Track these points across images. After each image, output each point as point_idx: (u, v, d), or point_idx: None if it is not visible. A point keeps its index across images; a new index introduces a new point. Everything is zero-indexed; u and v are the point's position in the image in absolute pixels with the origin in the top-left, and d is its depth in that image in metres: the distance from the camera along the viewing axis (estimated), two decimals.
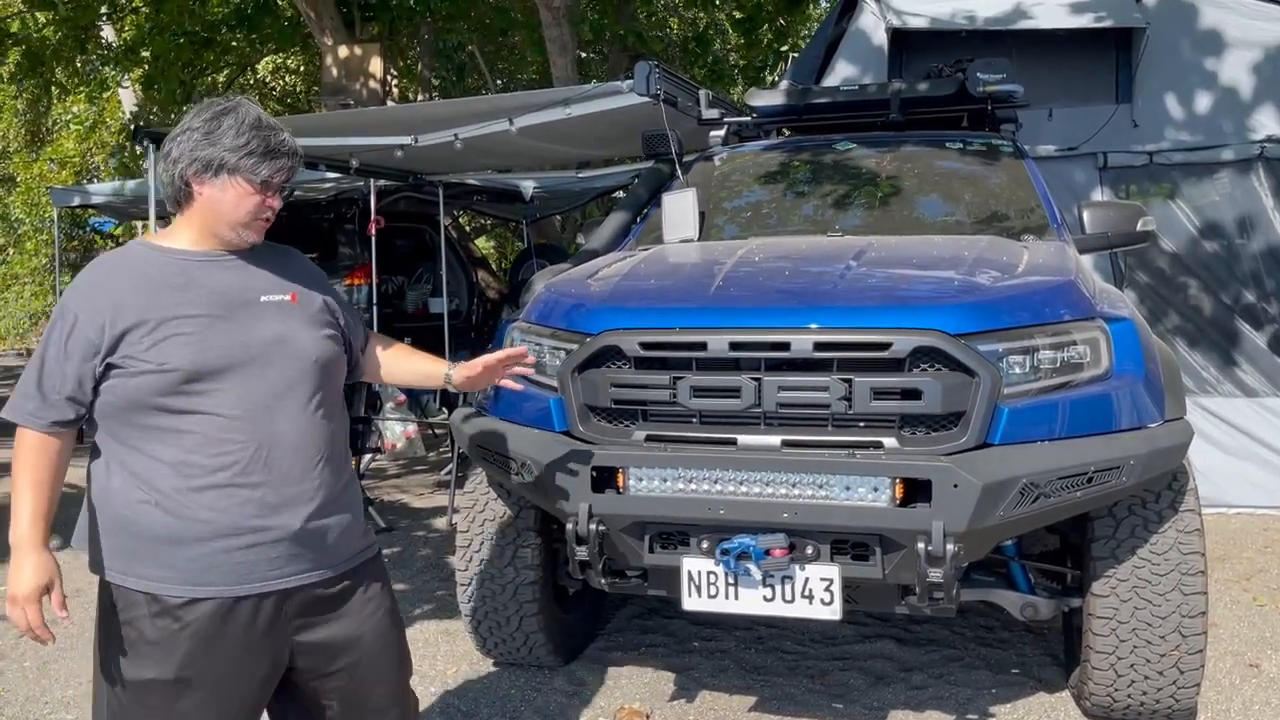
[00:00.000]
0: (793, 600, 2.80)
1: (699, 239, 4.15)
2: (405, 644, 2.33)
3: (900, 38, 6.41)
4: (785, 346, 2.80)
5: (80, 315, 1.97)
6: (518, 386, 2.70)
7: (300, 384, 2.07)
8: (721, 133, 5.23)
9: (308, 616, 2.09)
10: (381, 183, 7.97)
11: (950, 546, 2.62)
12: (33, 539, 1.95)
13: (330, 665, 2.14)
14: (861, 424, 2.79)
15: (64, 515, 2.06)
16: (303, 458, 2.05)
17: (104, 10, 11.63)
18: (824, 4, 14.37)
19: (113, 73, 12.95)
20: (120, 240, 20.16)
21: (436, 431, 8.76)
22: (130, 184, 9.49)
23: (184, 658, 1.98)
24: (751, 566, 2.78)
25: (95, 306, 1.97)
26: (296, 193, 8.54)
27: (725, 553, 2.79)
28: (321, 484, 2.08)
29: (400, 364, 2.46)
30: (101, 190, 10.03)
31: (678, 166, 4.66)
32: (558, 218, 12.78)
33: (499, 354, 2.49)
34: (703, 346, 2.86)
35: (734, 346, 2.84)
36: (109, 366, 1.96)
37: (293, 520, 2.03)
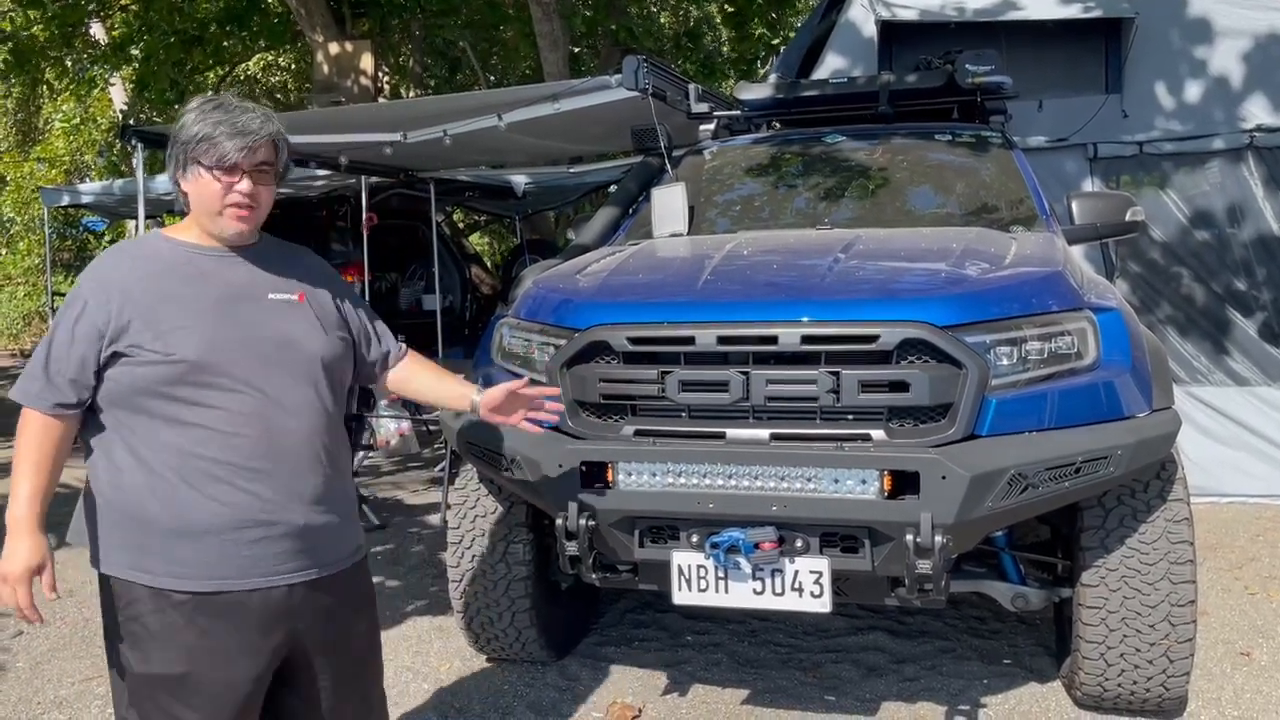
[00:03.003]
0: (782, 593, 2.81)
1: (688, 233, 4.15)
2: (380, 649, 2.36)
3: (890, 30, 6.40)
4: (773, 340, 2.80)
5: (90, 301, 1.99)
6: (536, 429, 2.55)
7: (305, 382, 2.09)
8: (711, 126, 5.22)
9: (303, 613, 2.10)
10: (374, 180, 7.96)
11: (939, 538, 2.62)
12: (29, 519, 1.97)
13: (314, 664, 2.15)
14: (850, 417, 2.79)
15: (57, 514, 2.06)
16: (308, 455, 2.07)
17: (92, 8, 11.59)
18: None
19: (101, 71, 12.90)
20: (112, 240, 20.12)
21: (430, 428, 8.74)
22: (119, 183, 9.47)
23: (188, 651, 1.99)
24: (741, 560, 2.79)
25: (104, 293, 1.99)
26: (288, 190, 8.53)
27: (715, 546, 2.79)
28: (325, 481, 2.10)
29: (425, 383, 2.45)
30: (91, 190, 10.01)
31: (667, 161, 4.66)
32: (550, 213, 12.78)
33: (530, 391, 2.45)
34: (690, 341, 2.86)
35: (722, 340, 2.84)
36: (115, 354, 1.98)
37: (298, 516, 2.05)
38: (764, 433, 2.83)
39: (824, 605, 2.79)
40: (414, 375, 2.44)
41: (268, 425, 2.02)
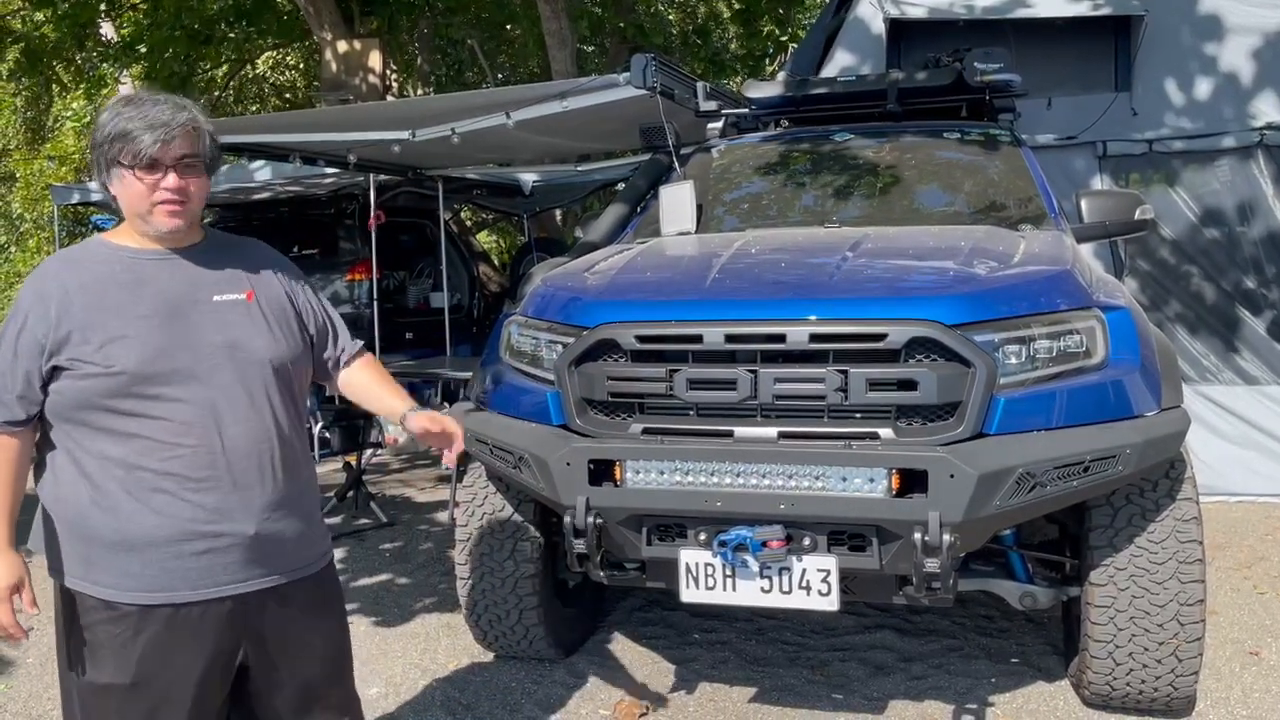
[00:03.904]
0: (790, 591, 2.81)
1: (696, 231, 4.15)
2: (351, 651, 2.32)
3: (898, 28, 6.39)
4: (781, 338, 2.80)
5: (30, 314, 1.95)
6: (451, 461, 2.42)
7: (253, 387, 2.02)
8: (719, 125, 5.22)
9: (262, 620, 2.07)
10: (382, 178, 7.97)
11: (947, 537, 2.62)
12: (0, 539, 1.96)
13: (280, 669, 2.12)
14: (858, 415, 2.79)
15: (22, 517, 2.05)
16: (255, 462, 2.01)
17: (103, 7, 11.62)
18: None
19: (111, 69, 12.93)
20: None
21: None
22: None
23: (140, 663, 1.97)
24: (749, 558, 2.79)
25: (43, 304, 1.94)
26: (297, 189, 8.55)
27: (723, 544, 2.79)
28: (276, 488, 2.05)
29: (370, 391, 2.33)
30: (100, 187, 10.02)
31: (675, 159, 4.65)
32: (558, 211, 12.77)
33: (451, 432, 2.32)
34: (698, 339, 2.86)
35: (730, 339, 2.84)
36: (55, 368, 1.94)
37: (247, 526, 2.00)
38: (772, 431, 2.83)
39: (832, 603, 2.79)
40: (358, 378, 2.33)
41: (212, 434, 1.97)
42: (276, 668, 2.11)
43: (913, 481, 2.68)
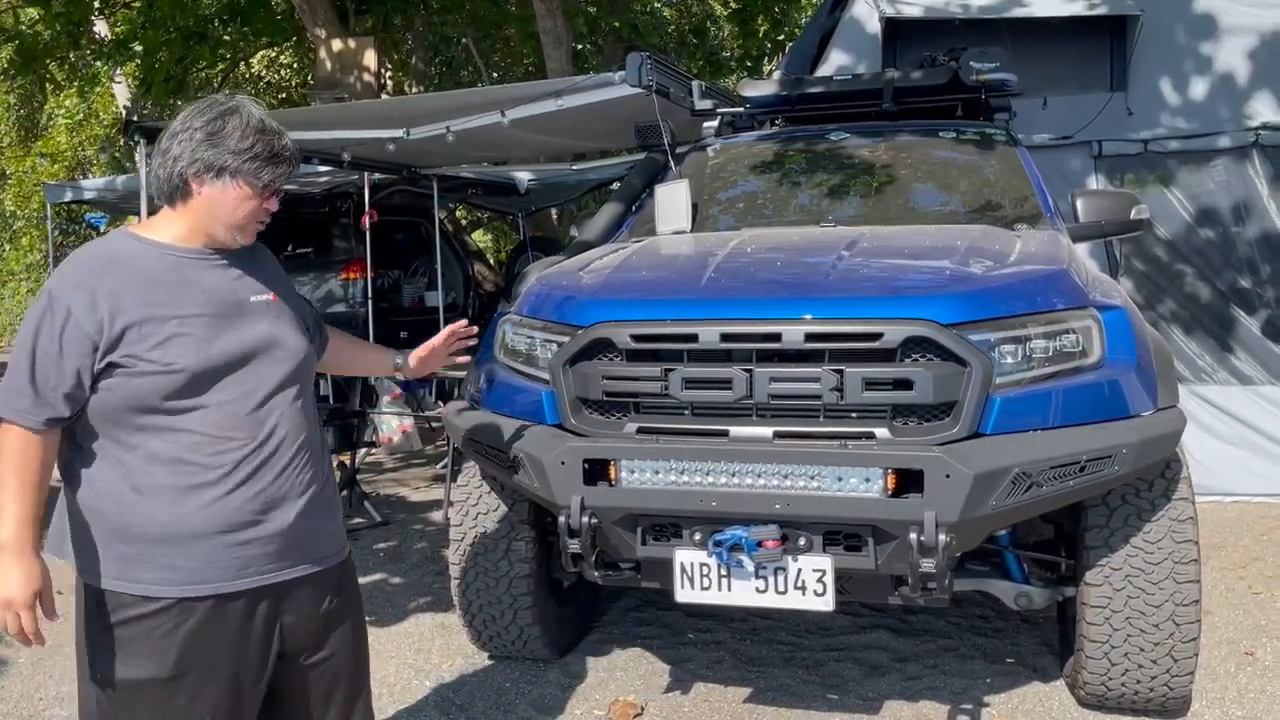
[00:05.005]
0: (785, 591, 2.80)
1: (692, 230, 4.14)
2: (367, 637, 2.38)
3: (894, 27, 6.39)
4: (776, 338, 2.79)
5: (73, 308, 1.91)
6: (463, 359, 2.75)
7: (289, 382, 2.09)
8: (715, 123, 5.21)
9: (298, 607, 2.12)
10: (376, 176, 7.95)
11: (942, 537, 2.61)
12: (22, 544, 1.91)
13: (311, 658, 2.17)
14: (853, 415, 2.78)
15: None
16: (294, 454, 2.08)
17: (97, 5, 11.58)
18: None
19: (105, 67, 12.90)
20: None
21: (433, 425, 8.74)
22: (121, 179, 9.45)
23: (179, 655, 1.98)
24: (744, 558, 2.78)
25: (90, 300, 1.91)
26: (291, 187, 8.52)
27: (718, 544, 2.78)
28: (311, 480, 2.12)
29: (349, 356, 2.53)
30: (93, 185, 9.99)
31: (670, 158, 4.65)
32: (553, 210, 12.76)
33: (444, 333, 2.57)
34: (694, 338, 2.85)
35: (725, 338, 2.83)
36: (110, 365, 1.92)
37: (287, 515, 2.06)
38: (767, 430, 2.82)
39: (827, 604, 2.78)
40: (335, 350, 2.44)
41: (257, 428, 2.02)
42: (308, 653, 2.16)
43: (908, 481, 2.68)
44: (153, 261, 2.00)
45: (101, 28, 13.52)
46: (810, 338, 2.76)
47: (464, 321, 2.61)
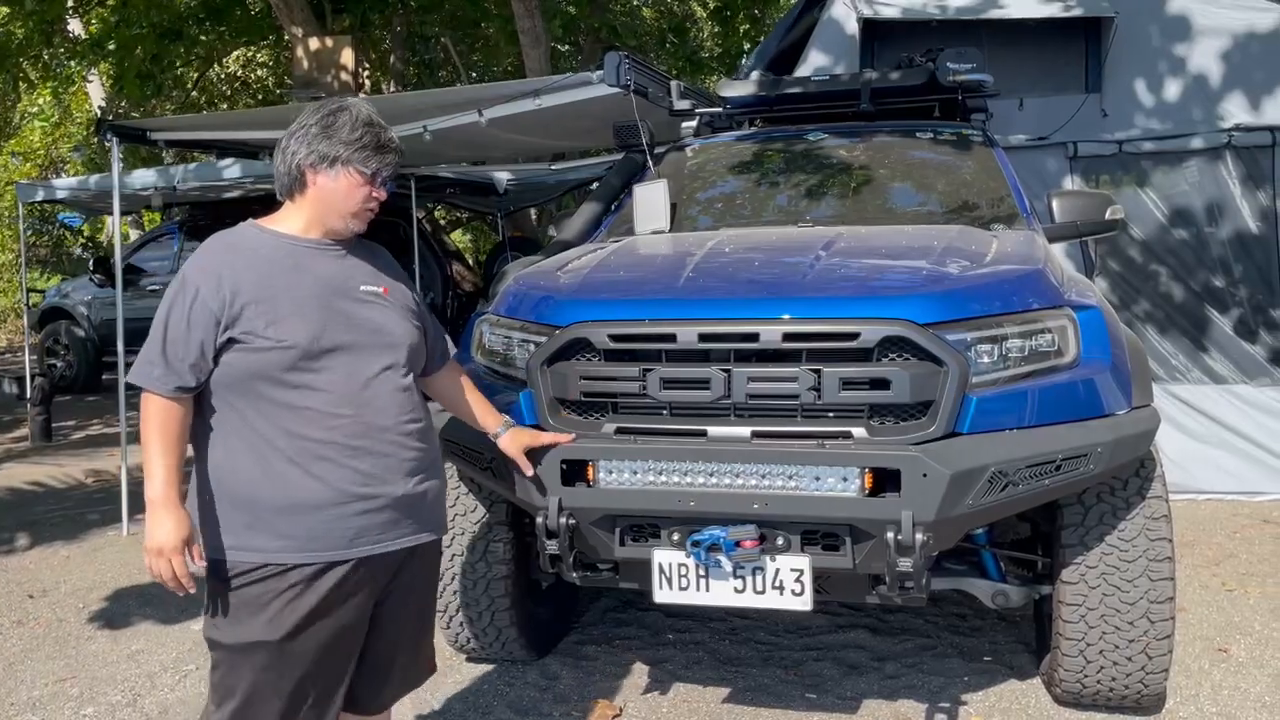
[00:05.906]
0: (764, 591, 2.80)
1: (670, 230, 4.13)
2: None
3: (872, 27, 6.41)
4: (754, 337, 2.79)
5: (201, 288, 2.12)
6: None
7: (395, 366, 2.27)
8: (693, 123, 5.21)
9: (399, 574, 2.32)
10: None
11: (919, 536, 2.62)
12: (169, 497, 2.11)
13: (399, 620, 2.37)
14: (831, 414, 2.78)
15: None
16: (400, 431, 2.25)
17: (71, 4, 11.46)
18: None
19: (79, 66, 12.77)
20: (88, 236, 19.92)
21: None
22: (94, 179, 9.37)
23: (293, 619, 2.14)
24: (722, 558, 2.77)
25: (216, 281, 2.13)
26: (267, 186, 8.47)
27: (696, 545, 2.78)
28: (418, 454, 2.29)
29: (461, 397, 2.67)
30: (66, 185, 9.90)
31: (649, 157, 4.64)
32: (533, 210, 12.74)
33: (549, 436, 2.82)
34: (672, 338, 2.85)
35: (703, 338, 2.82)
36: (230, 340, 2.12)
37: (396, 488, 2.23)
38: (745, 430, 2.82)
39: (805, 603, 2.78)
40: (451, 384, 2.63)
41: (365, 407, 2.19)
42: (396, 620, 2.36)
43: (886, 481, 2.68)
44: (272, 249, 2.21)
45: (76, 27, 13.39)
46: (788, 337, 2.76)
47: (571, 436, 2.83)
